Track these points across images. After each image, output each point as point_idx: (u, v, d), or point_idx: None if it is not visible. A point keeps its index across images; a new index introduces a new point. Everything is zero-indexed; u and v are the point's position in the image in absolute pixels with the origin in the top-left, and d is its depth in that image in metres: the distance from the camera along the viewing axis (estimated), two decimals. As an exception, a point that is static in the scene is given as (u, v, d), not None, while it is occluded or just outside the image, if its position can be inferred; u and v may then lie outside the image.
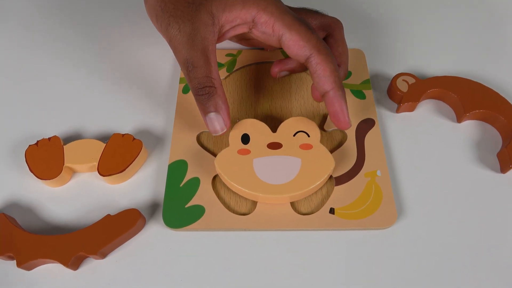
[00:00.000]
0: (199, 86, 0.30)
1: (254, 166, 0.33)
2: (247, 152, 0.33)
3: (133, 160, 0.34)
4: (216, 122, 0.31)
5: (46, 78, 0.42)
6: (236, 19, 0.31)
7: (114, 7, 0.48)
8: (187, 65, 0.30)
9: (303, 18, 0.32)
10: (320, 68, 0.31)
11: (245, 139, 0.34)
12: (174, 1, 0.30)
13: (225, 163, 0.33)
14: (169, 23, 0.30)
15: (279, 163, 0.33)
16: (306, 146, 0.34)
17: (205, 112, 0.31)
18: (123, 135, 0.35)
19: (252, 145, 0.34)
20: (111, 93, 0.40)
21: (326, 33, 0.36)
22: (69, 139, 0.37)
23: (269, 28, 0.31)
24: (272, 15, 0.31)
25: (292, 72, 0.38)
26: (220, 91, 0.31)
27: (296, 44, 0.31)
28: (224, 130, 0.32)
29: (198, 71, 0.30)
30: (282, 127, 0.35)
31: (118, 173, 0.34)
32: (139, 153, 0.35)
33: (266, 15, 0.31)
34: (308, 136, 0.34)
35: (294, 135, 0.34)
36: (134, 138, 0.35)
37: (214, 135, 0.32)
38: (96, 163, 0.34)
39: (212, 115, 0.31)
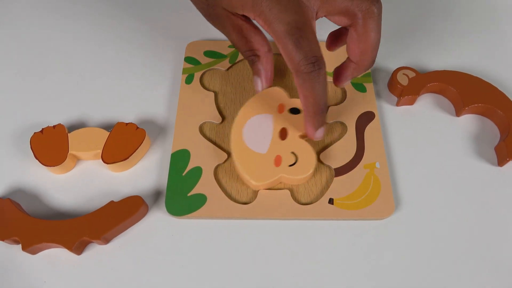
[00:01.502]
0: (245, 56, 0.34)
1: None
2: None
3: (136, 149, 0.35)
4: (257, 84, 0.35)
5: (51, 66, 0.42)
6: (244, 15, 0.31)
7: (118, -3, 0.48)
8: (235, 47, 0.35)
9: (302, 22, 0.29)
10: (298, 90, 0.30)
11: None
12: (199, 4, 0.33)
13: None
14: (208, 20, 0.34)
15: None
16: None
17: (253, 74, 0.35)
18: (126, 124, 0.36)
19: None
20: (115, 83, 0.41)
21: (350, 21, 0.31)
22: (73, 127, 0.38)
23: (267, 32, 0.30)
24: (265, 23, 0.30)
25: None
26: (263, 58, 0.34)
27: (284, 57, 0.30)
28: (260, 90, 0.35)
29: (241, 49, 0.34)
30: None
31: (122, 161, 0.34)
32: (142, 142, 0.35)
33: (262, 21, 0.30)
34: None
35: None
36: (137, 127, 0.36)
37: (256, 92, 0.36)
38: (100, 151, 0.35)
39: (255, 77, 0.35)
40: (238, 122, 0.35)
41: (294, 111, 0.35)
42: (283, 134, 0.34)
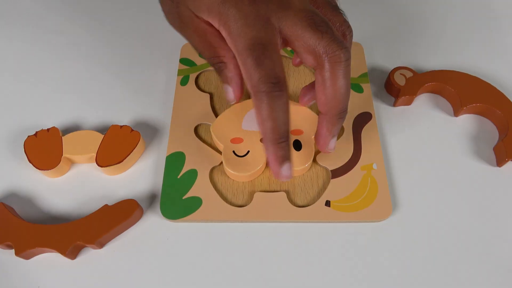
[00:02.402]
0: (210, 63, 0.32)
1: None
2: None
3: (131, 151, 0.34)
4: (229, 93, 0.32)
5: (45, 69, 0.42)
6: (209, 21, 0.30)
7: (113, -2, 0.48)
8: (197, 51, 0.32)
9: (266, 39, 0.27)
10: (256, 113, 0.28)
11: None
12: (168, 1, 0.31)
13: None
14: (167, 18, 0.32)
15: None
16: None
17: (222, 82, 0.32)
18: (121, 126, 0.36)
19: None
20: (110, 85, 0.41)
21: (315, 63, 0.28)
22: (67, 130, 0.37)
23: (228, 44, 0.29)
24: (228, 35, 0.28)
25: None
26: (230, 64, 0.31)
27: (243, 74, 0.28)
28: (233, 102, 0.33)
29: (205, 54, 0.31)
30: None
31: (116, 164, 0.34)
32: (137, 144, 0.35)
33: (225, 31, 0.28)
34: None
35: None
36: (132, 130, 0.35)
37: (228, 103, 0.34)
38: (94, 154, 0.34)
39: (224, 86, 0.32)
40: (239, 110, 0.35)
41: (296, 145, 0.34)
42: None
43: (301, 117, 0.35)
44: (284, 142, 0.28)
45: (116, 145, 0.35)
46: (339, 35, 0.28)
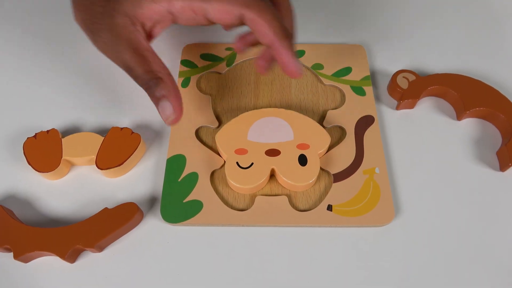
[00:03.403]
0: (143, 82, 0.30)
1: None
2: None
3: (132, 154, 0.34)
4: (165, 110, 0.30)
5: (46, 71, 0.41)
6: (152, 15, 0.29)
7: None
8: (125, 69, 0.30)
9: None
10: (256, 25, 0.29)
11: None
12: (90, 15, 0.30)
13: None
14: (94, 38, 0.30)
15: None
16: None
17: (156, 102, 0.30)
18: (121, 128, 0.35)
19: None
20: (110, 87, 0.40)
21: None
22: (67, 132, 0.37)
23: (190, 12, 0.29)
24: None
25: (255, 44, 0.35)
26: (166, 80, 0.30)
27: (222, 10, 0.28)
28: (174, 117, 0.30)
29: (136, 71, 0.29)
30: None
31: (116, 166, 0.34)
32: (137, 147, 0.34)
33: (182, 1, 0.28)
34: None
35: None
36: (132, 132, 0.35)
37: (168, 124, 0.31)
38: (94, 156, 0.34)
39: (161, 103, 0.30)
40: (275, 111, 0.36)
41: (302, 159, 0.33)
42: (271, 152, 0.34)
43: (309, 132, 0.35)
44: (293, 37, 0.31)
45: (116, 148, 0.34)
46: None
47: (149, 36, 0.31)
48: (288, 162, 0.33)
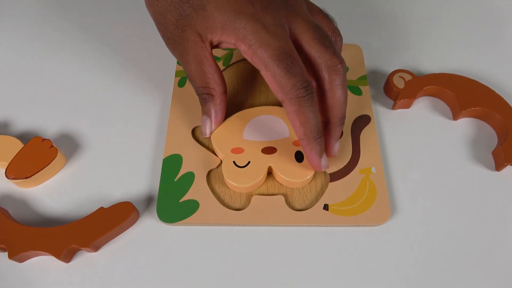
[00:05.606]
0: (197, 94, 0.33)
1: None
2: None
3: (43, 168, 0.33)
4: (206, 125, 0.34)
5: (45, 69, 0.41)
6: (220, 40, 0.30)
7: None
8: (188, 78, 0.33)
9: (290, 48, 0.28)
10: (290, 118, 0.30)
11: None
12: (163, 22, 0.31)
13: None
14: (167, 44, 0.33)
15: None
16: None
17: (202, 113, 0.34)
18: (43, 139, 0.34)
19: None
20: (106, 85, 0.40)
21: (316, 75, 0.31)
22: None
23: (249, 58, 0.29)
24: (250, 48, 0.28)
25: None
26: (217, 99, 0.32)
27: (270, 85, 0.29)
28: (207, 134, 0.34)
29: (196, 83, 0.32)
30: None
31: (24, 178, 0.33)
32: (51, 161, 0.34)
33: (245, 46, 0.29)
34: None
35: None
36: (52, 145, 0.34)
37: (203, 136, 0.35)
38: (7, 163, 0.33)
39: (204, 117, 0.34)
40: (269, 109, 0.36)
41: (299, 156, 0.33)
42: (268, 150, 0.34)
43: None
44: (320, 138, 0.30)
45: (31, 159, 0.34)
46: (337, 49, 0.31)
47: (216, 46, 0.32)
48: (285, 159, 0.33)
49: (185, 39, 0.30)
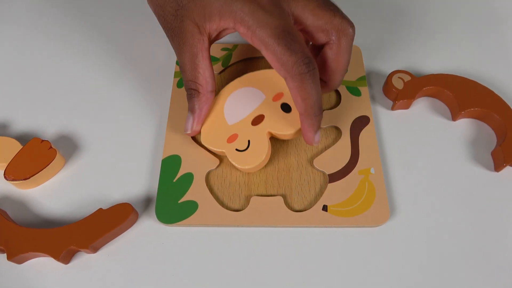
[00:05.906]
0: (186, 87, 0.33)
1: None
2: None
3: (42, 169, 0.33)
4: (188, 122, 0.34)
5: (44, 69, 0.41)
6: (219, 27, 0.30)
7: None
8: (180, 70, 0.33)
9: (289, 25, 0.28)
10: (293, 94, 0.30)
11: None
12: (163, 14, 0.32)
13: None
14: (167, 35, 0.32)
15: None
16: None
17: (188, 109, 0.34)
18: (42, 141, 0.34)
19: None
20: (105, 87, 0.40)
21: (326, 39, 0.31)
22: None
23: (249, 39, 0.29)
24: (248, 29, 0.28)
25: None
26: (202, 96, 0.32)
27: (272, 63, 0.29)
28: (189, 132, 0.34)
29: (186, 75, 0.32)
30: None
31: (23, 180, 0.33)
32: (50, 163, 0.34)
33: (243, 27, 0.29)
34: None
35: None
36: (51, 147, 0.34)
37: (183, 132, 0.34)
38: (5, 164, 0.33)
39: (188, 113, 0.34)
40: (231, 86, 0.35)
41: (286, 108, 0.34)
42: (257, 120, 0.34)
43: (272, 81, 0.34)
44: (320, 115, 0.31)
45: (30, 160, 0.34)
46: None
47: (216, 38, 0.32)
48: (276, 118, 0.33)
49: (183, 29, 0.30)
